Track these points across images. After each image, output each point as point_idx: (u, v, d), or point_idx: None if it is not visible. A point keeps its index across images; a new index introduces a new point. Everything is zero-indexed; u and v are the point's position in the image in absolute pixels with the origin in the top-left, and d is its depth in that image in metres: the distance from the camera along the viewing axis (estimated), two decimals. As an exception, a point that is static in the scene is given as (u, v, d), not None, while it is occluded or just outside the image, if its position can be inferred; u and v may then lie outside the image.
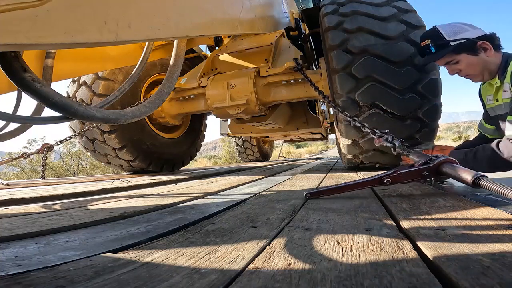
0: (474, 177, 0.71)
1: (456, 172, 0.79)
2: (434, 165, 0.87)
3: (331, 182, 1.58)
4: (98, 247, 0.55)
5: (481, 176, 0.71)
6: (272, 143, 8.23)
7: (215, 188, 1.49)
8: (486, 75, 1.35)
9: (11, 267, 0.46)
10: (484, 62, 1.30)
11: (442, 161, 0.87)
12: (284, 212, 0.81)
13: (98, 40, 0.63)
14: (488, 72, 1.33)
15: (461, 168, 0.79)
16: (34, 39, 0.51)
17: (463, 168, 0.79)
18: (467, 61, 1.32)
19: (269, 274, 0.39)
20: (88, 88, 2.59)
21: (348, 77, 1.83)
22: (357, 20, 1.89)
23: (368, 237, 0.54)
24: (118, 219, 0.82)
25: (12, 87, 1.17)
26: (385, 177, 0.90)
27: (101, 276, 0.41)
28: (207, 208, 0.93)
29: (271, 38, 2.85)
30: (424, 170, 0.88)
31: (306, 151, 25.18)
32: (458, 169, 0.80)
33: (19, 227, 0.73)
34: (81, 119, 0.79)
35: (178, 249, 0.52)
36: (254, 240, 0.56)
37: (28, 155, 2.84)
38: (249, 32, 1.62)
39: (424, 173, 0.88)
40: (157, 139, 3.02)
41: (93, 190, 1.46)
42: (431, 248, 0.46)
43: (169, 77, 1.12)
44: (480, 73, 1.34)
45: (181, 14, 0.91)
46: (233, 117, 2.97)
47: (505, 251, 0.43)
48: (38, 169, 10.75)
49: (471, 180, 0.71)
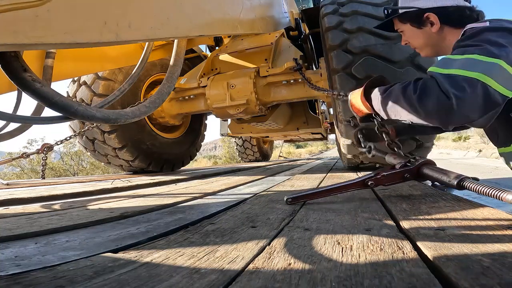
0: (459, 178, 0.71)
1: (438, 174, 0.80)
2: (415, 168, 0.89)
3: (331, 182, 1.58)
4: (98, 247, 0.55)
5: (465, 177, 0.71)
6: (272, 143, 8.23)
7: (215, 188, 1.49)
8: (437, 51, 1.14)
9: (11, 267, 0.46)
10: (429, 37, 1.09)
11: (422, 163, 0.88)
12: (284, 212, 0.81)
13: (98, 40, 0.63)
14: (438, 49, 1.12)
15: (443, 170, 0.80)
16: (34, 39, 0.51)
17: (444, 170, 0.80)
18: (410, 33, 1.14)
19: (269, 274, 0.39)
20: (88, 88, 2.59)
21: (348, 77, 1.83)
22: (357, 20, 1.89)
23: (368, 237, 0.54)
24: (118, 219, 0.82)
25: (12, 87, 1.17)
26: (368, 179, 0.91)
27: (101, 276, 0.41)
28: (207, 208, 0.93)
29: (271, 38, 2.85)
30: (405, 173, 0.90)
31: (306, 151, 25.19)
32: (439, 171, 0.80)
33: (19, 227, 0.73)
34: (81, 119, 0.79)
35: (178, 249, 0.52)
36: (254, 240, 0.56)
37: (28, 155, 2.83)
38: (249, 32, 1.62)
39: (406, 175, 0.90)
40: (157, 139, 3.02)
41: (93, 190, 1.46)
42: (431, 248, 0.46)
43: (169, 77, 1.12)
44: (424, 47, 1.14)
45: (181, 14, 0.91)
46: (233, 117, 2.97)
47: (504, 251, 0.43)
48: (38, 169, 10.76)
49: (456, 182, 0.71)
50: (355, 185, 0.93)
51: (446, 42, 1.07)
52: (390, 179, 0.91)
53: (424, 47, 1.14)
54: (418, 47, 1.16)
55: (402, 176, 0.90)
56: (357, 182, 0.93)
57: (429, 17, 1.05)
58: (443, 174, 0.78)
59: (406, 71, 1.75)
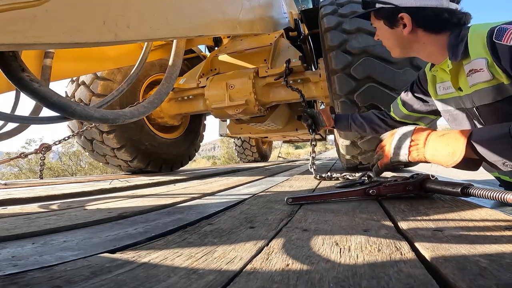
0: (462, 186, 0.73)
1: (440, 186, 0.82)
2: (418, 180, 0.91)
3: (330, 183, 1.58)
4: (96, 247, 0.55)
5: (468, 185, 0.73)
6: (271, 143, 8.23)
7: (213, 188, 1.49)
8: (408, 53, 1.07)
9: (8, 267, 0.45)
10: (399, 39, 1.02)
11: (425, 176, 0.91)
12: (283, 213, 0.81)
13: (97, 40, 0.63)
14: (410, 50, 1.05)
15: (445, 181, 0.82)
16: (33, 39, 0.51)
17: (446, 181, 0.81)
18: (382, 31, 1.07)
19: (267, 275, 0.39)
20: (87, 88, 2.58)
21: (347, 78, 1.84)
22: (356, 21, 1.89)
23: (366, 238, 0.54)
24: (116, 219, 0.81)
25: (11, 87, 1.17)
26: (370, 188, 0.93)
27: (98, 276, 0.41)
28: (206, 209, 0.93)
29: (270, 39, 2.85)
30: (408, 185, 0.91)
31: (305, 152, 25.20)
32: (441, 183, 0.83)
33: (17, 227, 0.73)
34: (79, 119, 0.79)
35: (176, 250, 0.52)
36: (252, 240, 0.56)
37: (26, 155, 2.82)
38: (248, 32, 1.62)
39: (408, 187, 0.91)
40: (156, 139, 3.02)
41: (91, 190, 1.46)
42: (429, 249, 0.46)
43: (168, 77, 1.12)
44: (393, 48, 1.08)
45: (180, 14, 0.91)
46: (232, 117, 2.97)
47: (502, 252, 0.43)
48: (36, 169, 10.73)
49: (460, 190, 0.73)
50: (357, 193, 0.96)
51: (420, 44, 1.00)
52: (392, 190, 0.92)
53: (393, 48, 1.08)
54: (388, 47, 1.10)
55: (405, 188, 0.91)
56: (359, 190, 0.95)
57: (402, 17, 0.97)
58: (445, 185, 0.80)
59: (405, 72, 1.76)
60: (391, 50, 1.10)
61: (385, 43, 1.10)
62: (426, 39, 0.98)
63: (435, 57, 1.02)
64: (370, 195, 0.93)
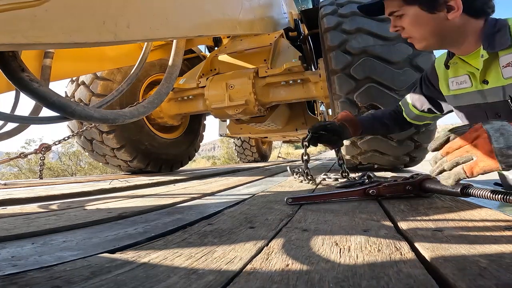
0: (461, 186, 0.73)
1: (440, 186, 0.82)
2: (417, 181, 0.91)
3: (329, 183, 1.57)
4: (95, 247, 0.55)
5: (467, 185, 0.73)
6: (271, 143, 8.23)
7: (213, 188, 1.49)
8: (442, 44, 0.94)
9: (7, 267, 0.45)
10: (439, 25, 0.88)
11: (425, 177, 0.91)
12: (282, 213, 0.81)
13: (96, 40, 0.63)
14: (444, 42, 0.93)
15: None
16: (33, 39, 0.51)
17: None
18: (414, 18, 0.90)
19: (267, 275, 0.39)
20: (87, 88, 2.58)
21: (347, 78, 1.84)
22: (356, 21, 1.90)
23: (366, 238, 0.54)
24: (116, 219, 0.81)
25: (10, 87, 1.17)
26: (370, 188, 0.94)
27: (98, 276, 0.41)
28: (206, 209, 0.93)
29: (270, 39, 2.85)
30: (407, 185, 0.92)
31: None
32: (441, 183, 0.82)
33: (16, 227, 0.73)
34: (79, 119, 0.79)
35: (175, 250, 0.52)
36: (252, 240, 0.56)
37: (26, 155, 2.82)
38: (248, 32, 1.62)
39: (408, 188, 0.92)
40: (156, 140, 3.02)
41: (91, 190, 1.46)
42: (429, 249, 0.46)
43: (168, 77, 1.12)
44: (428, 38, 0.92)
45: (180, 14, 0.91)
46: (232, 117, 2.97)
47: (502, 252, 0.43)
48: (36, 169, 10.72)
49: (460, 191, 0.73)
50: (357, 193, 0.96)
51: (459, 32, 0.88)
52: (392, 190, 0.93)
53: (427, 38, 0.92)
54: (417, 36, 0.93)
55: (404, 188, 0.92)
56: (359, 190, 0.95)
57: (450, 1, 0.84)
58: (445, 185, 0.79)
59: (404, 72, 1.76)
60: (422, 40, 0.94)
61: (414, 33, 0.93)
62: (468, 25, 0.88)
63: (467, 47, 0.92)
64: (370, 195, 0.93)
